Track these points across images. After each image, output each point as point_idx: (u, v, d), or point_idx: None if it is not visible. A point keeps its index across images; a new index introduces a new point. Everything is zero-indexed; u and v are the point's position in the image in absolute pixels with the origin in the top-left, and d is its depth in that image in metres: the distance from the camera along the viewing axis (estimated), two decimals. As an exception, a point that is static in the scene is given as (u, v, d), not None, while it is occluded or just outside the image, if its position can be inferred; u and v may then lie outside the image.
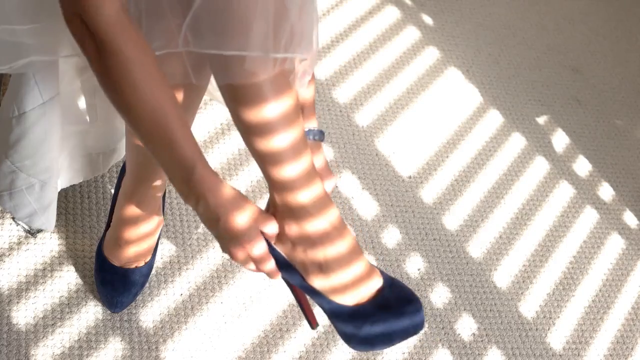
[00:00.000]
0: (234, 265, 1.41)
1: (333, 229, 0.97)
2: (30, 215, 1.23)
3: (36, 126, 1.13)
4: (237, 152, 1.56)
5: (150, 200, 1.23)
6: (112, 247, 1.28)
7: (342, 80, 1.76)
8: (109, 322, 1.30)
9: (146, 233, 1.27)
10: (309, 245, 0.97)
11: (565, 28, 2.07)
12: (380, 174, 1.63)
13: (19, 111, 1.12)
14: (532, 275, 1.56)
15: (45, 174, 1.19)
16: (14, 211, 1.23)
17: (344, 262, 0.97)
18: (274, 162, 0.96)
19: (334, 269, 0.97)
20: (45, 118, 1.13)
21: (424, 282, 1.49)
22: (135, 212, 1.24)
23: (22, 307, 1.28)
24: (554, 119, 1.86)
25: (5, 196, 1.21)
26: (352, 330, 0.98)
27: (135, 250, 1.28)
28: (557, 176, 1.74)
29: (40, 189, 1.20)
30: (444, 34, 1.94)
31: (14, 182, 1.19)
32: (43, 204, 1.22)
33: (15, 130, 1.13)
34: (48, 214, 1.24)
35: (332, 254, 0.97)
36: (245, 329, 1.35)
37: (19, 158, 1.16)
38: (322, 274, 0.97)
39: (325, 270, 0.97)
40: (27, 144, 1.15)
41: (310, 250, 0.97)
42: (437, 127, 1.74)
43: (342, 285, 0.97)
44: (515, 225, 1.63)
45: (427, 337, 1.42)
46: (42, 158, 1.17)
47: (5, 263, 1.32)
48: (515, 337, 1.47)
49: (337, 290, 0.98)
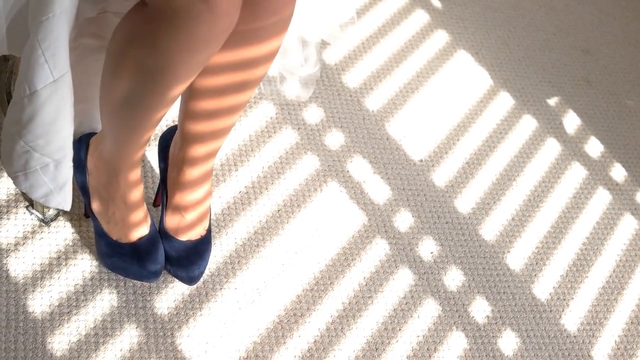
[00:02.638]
0: (247, 251, 1.42)
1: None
2: (46, 195, 1.23)
3: (48, 104, 1.13)
4: (247, 139, 1.56)
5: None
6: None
7: (351, 65, 1.75)
8: (124, 309, 1.30)
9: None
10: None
11: (575, 9, 2.06)
12: (392, 157, 1.62)
13: (30, 90, 1.12)
14: (545, 257, 1.56)
15: (59, 152, 1.19)
16: (30, 191, 1.23)
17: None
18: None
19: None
20: (56, 96, 1.13)
21: (437, 266, 1.49)
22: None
23: (37, 296, 1.29)
24: (564, 101, 1.85)
25: (21, 177, 1.22)
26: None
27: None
28: (569, 157, 1.74)
29: (55, 168, 1.20)
30: (453, 16, 1.93)
31: (28, 162, 1.19)
32: (58, 184, 1.22)
33: (27, 109, 1.13)
34: (64, 193, 1.24)
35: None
36: (259, 314, 1.35)
37: (32, 137, 1.16)
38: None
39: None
40: (39, 123, 1.15)
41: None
42: (448, 110, 1.74)
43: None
44: (527, 208, 1.62)
45: (441, 320, 1.42)
46: (55, 137, 1.17)
47: (20, 252, 1.32)
48: (529, 319, 1.47)
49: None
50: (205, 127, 1.23)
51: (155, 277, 1.31)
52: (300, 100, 1.62)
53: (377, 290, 1.43)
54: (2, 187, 1.38)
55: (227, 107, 1.21)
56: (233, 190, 1.49)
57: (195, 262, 1.32)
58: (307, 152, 1.58)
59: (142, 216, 1.29)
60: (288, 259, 1.43)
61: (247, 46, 1.14)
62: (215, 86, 1.18)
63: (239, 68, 1.16)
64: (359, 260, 1.46)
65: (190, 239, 1.33)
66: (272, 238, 1.45)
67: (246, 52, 1.14)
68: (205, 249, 1.34)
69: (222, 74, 1.17)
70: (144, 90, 1.10)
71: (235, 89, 1.19)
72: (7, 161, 1.22)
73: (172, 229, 1.32)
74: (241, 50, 1.14)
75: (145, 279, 1.31)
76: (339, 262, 1.45)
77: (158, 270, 1.30)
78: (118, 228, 1.29)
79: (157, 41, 1.03)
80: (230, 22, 1.03)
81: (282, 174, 1.53)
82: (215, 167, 1.50)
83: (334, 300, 1.40)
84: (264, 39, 1.14)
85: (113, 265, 1.31)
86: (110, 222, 1.29)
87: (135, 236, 1.29)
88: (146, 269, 1.29)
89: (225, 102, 1.20)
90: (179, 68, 1.05)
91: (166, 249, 1.33)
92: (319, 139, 1.61)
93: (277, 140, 1.58)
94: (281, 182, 1.52)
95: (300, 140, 1.59)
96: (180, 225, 1.32)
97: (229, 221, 1.45)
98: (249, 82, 1.18)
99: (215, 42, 1.03)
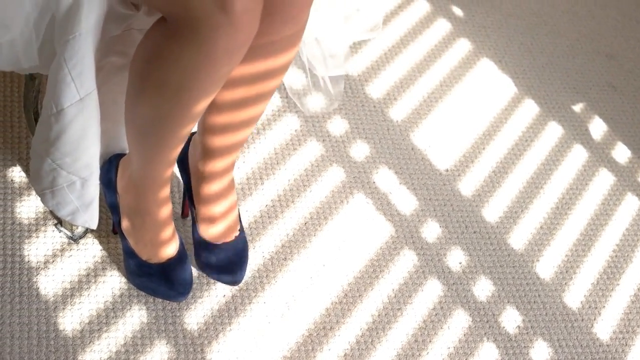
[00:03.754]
0: (275, 265, 1.41)
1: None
2: (72, 213, 1.24)
3: (74, 122, 1.14)
4: (272, 152, 1.56)
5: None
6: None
7: (374, 76, 1.75)
8: (154, 326, 1.30)
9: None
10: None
11: (597, 14, 2.04)
12: (417, 168, 1.61)
13: (57, 108, 1.12)
14: (575, 265, 1.54)
15: (85, 170, 1.19)
16: (57, 209, 1.23)
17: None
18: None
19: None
20: (82, 114, 1.13)
21: (466, 276, 1.48)
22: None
23: (67, 314, 1.29)
24: (590, 107, 1.83)
25: (48, 194, 1.22)
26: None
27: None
28: (596, 164, 1.72)
29: (81, 187, 1.21)
30: (475, 25, 1.92)
31: (55, 180, 1.20)
32: (85, 202, 1.23)
33: (55, 127, 1.14)
34: (91, 211, 1.24)
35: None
36: (289, 328, 1.35)
37: (60, 155, 1.17)
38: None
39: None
40: (66, 141, 1.15)
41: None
42: (472, 119, 1.73)
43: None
44: (555, 215, 1.61)
45: (471, 331, 1.41)
46: (82, 155, 1.18)
47: (49, 270, 1.33)
48: (560, 328, 1.45)
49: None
50: (224, 140, 1.24)
51: (183, 298, 1.31)
52: (331, 104, 1.62)
53: (406, 302, 1.42)
54: (31, 205, 1.39)
55: (245, 120, 1.22)
56: (259, 204, 1.48)
57: (236, 262, 1.34)
58: (333, 164, 1.57)
59: (171, 235, 1.29)
60: (316, 272, 1.42)
61: (263, 59, 1.15)
62: (232, 100, 1.19)
63: (255, 81, 1.17)
64: (387, 272, 1.45)
65: (225, 241, 1.34)
66: (299, 251, 1.44)
67: (262, 64, 1.16)
68: (242, 248, 1.36)
69: (239, 88, 1.18)
70: (169, 107, 1.10)
71: (252, 101, 1.20)
72: (35, 179, 1.23)
73: (205, 237, 1.33)
74: (257, 63, 1.15)
75: (173, 299, 1.31)
76: (367, 274, 1.44)
77: (186, 291, 1.31)
78: (147, 248, 1.29)
79: (179, 56, 1.03)
80: (250, 33, 1.03)
81: (308, 186, 1.53)
82: (241, 181, 1.50)
83: (363, 313, 1.39)
84: (279, 51, 1.15)
85: (141, 284, 1.31)
86: (140, 242, 1.29)
87: (164, 256, 1.29)
88: (174, 289, 1.30)
89: (242, 115, 1.21)
90: (203, 83, 1.05)
91: (205, 257, 1.34)
92: (344, 151, 1.60)
93: (302, 153, 1.58)
94: (307, 194, 1.52)
95: (325, 152, 1.59)
96: (213, 234, 1.33)
97: (256, 235, 1.44)
98: (264, 94, 1.20)
99: (236, 54, 1.04)
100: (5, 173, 1.42)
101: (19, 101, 1.51)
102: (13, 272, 1.31)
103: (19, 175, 1.42)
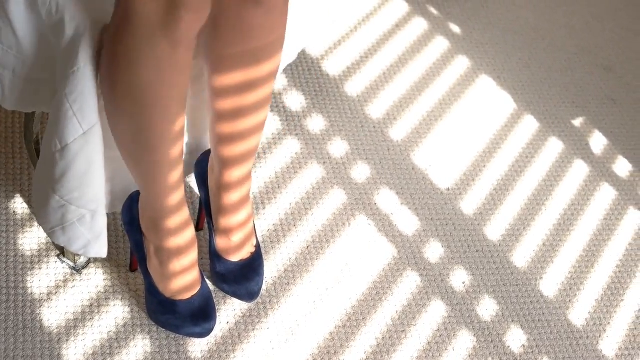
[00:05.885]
0: (278, 289, 1.41)
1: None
2: (85, 247, 1.24)
3: (79, 157, 1.14)
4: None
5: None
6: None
7: (373, 96, 1.75)
8: (157, 355, 1.30)
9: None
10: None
11: (595, 27, 2.05)
12: (418, 188, 1.62)
13: (61, 144, 1.13)
14: (579, 282, 1.54)
15: (93, 203, 1.19)
16: (69, 245, 1.23)
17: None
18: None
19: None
20: (87, 148, 1.14)
21: (469, 296, 1.47)
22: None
23: (71, 345, 1.29)
24: (590, 121, 1.83)
25: (58, 231, 1.22)
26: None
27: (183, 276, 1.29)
28: (598, 178, 1.72)
29: (91, 219, 1.21)
30: (473, 41, 1.93)
31: (64, 216, 1.20)
32: (96, 233, 1.23)
33: (60, 164, 1.14)
34: (101, 242, 1.25)
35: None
36: (293, 354, 1.35)
37: (67, 191, 1.17)
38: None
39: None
40: (72, 176, 1.15)
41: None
42: (472, 136, 1.73)
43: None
44: (558, 232, 1.61)
45: (476, 352, 1.40)
46: (89, 188, 1.18)
47: (52, 301, 1.33)
48: (566, 346, 1.45)
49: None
50: (235, 149, 1.26)
51: (208, 334, 1.31)
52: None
53: (410, 323, 1.42)
54: (33, 237, 1.39)
55: (249, 127, 1.25)
56: (261, 228, 1.49)
57: (252, 278, 1.35)
58: (334, 186, 1.58)
59: (194, 271, 1.30)
60: (319, 296, 1.42)
61: (248, 68, 1.18)
62: (231, 108, 1.22)
63: (245, 89, 1.21)
64: (390, 294, 1.45)
65: (242, 259, 1.35)
66: (302, 275, 1.44)
67: (249, 73, 1.19)
68: (259, 264, 1.37)
69: (232, 97, 1.21)
70: (140, 120, 1.10)
71: (250, 109, 1.23)
72: (43, 217, 1.22)
73: (222, 250, 1.34)
74: (243, 71, 1.18)
75: (197, 336, 1.31)
76: (370, 297, 1.44)
77: (212, 327, 1.30)
78: (172, 284, 1.28)
79: (131, 61, 1.05)
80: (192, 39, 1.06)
81: (310, 209, 1.53)
82: (242, 206, 1.50)
83: (367, 336, 1.39)
84: (262, 59, 1.18)
85: (166, 322, 1.31)
86: (163, 280, 1.28)
87: (188, 293, 1.29)
88: (200, 326, 1.29)
89: (245, 122, 1.24)
90: (161, 89, 1.07)
91: (220, 270, 1.35)
92: (344, 173, 1.60)
93: (303, 176, 1.58)
94: (309, 218, 1.52)
95: (326, 174, 1.59)
96: (230, 247, 1.34)
97: (259, 260, 1.44)
98: (259, 102, 1.23)
99: (186, 39, 1.06)
100: (8, 205, 1.42)
101: (21, 132, 1.52)
102: (16, 305, 1.31)
103: (21, 207, 1.42)
